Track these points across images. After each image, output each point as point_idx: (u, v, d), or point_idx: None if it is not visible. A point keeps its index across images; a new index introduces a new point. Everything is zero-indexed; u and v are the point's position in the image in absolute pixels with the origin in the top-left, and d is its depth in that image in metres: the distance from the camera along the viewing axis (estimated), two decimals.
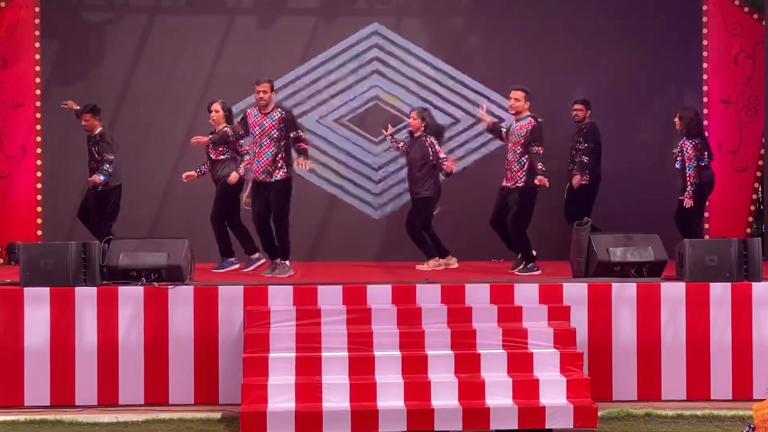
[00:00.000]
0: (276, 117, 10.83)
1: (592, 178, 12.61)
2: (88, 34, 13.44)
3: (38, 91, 13.23)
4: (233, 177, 11.42)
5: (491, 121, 11.87)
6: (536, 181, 11.02)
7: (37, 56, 13.24)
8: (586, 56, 13.60)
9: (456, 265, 11.82)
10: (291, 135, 10.78)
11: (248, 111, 11.08)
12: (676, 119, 11.64)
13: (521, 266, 11.26)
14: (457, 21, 13.80)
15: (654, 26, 13.62)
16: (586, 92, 13.30)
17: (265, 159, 10.81)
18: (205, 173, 11.78)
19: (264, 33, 13.56)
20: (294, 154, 10.81)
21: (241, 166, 11.49)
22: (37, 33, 13.22)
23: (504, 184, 11.35)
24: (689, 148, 11.45)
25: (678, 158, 11.55)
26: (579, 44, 13.61)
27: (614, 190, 13.06)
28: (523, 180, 11.17)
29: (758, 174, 13.38)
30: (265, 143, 10.82)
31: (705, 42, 13.54)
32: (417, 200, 11.82)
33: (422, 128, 11.80)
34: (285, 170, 10.83)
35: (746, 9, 13.50)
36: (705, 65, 13.54)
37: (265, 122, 10.84)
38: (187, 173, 11.72)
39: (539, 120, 11.16)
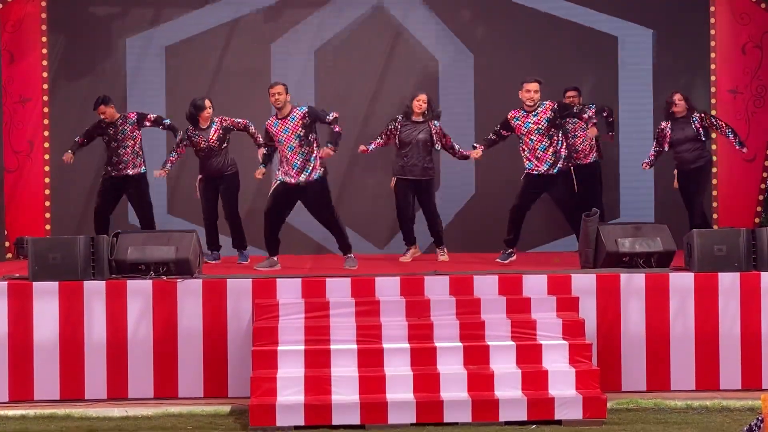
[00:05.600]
0: (297, 116, 10.72)
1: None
2: (95, 28, 13.44)
3: (45, 86, 13.22)
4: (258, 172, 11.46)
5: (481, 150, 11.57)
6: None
7: (44, 51, 13.22)
8: (592, 47, 13.56)
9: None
10: (327, 120, 10.69)
11: (267, 123, 10.88)
12: (680, 101, 11.71)
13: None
14: (464, 13, 13.77)
15: (661, 17, 13.56)
16: (593, 83, 13.26)
17: (300, 160, 10.68)
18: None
19: (271, 26, 13.55)
20: (321, 148, 10.72)
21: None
22: (43, 27, 13.20)
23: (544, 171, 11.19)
24: (706, 115, 11.83)
25: (700, 129, 11.74)
26: (584, 35, 13.56)
27: (624, 181, 13.03)
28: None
29: (766, 164, 13.30)
30: (295, 145, 10.71)
31: (712, 32, 13.47)
32: (431, 182, 11.78)
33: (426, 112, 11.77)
34: (321, 168, 10.77)
35: None
36: (713, 55, 13.47)
37: (288, 125, 10.72)
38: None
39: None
